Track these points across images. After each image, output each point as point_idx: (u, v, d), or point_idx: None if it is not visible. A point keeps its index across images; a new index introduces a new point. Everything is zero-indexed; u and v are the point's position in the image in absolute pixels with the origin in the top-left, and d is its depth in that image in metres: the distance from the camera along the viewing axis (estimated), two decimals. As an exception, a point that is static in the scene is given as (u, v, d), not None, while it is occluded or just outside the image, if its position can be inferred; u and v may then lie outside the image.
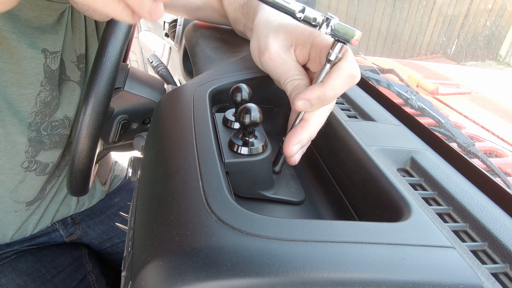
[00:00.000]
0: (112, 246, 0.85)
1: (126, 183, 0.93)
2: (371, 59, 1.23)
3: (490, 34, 1.67)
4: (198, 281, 0.22)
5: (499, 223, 0.31)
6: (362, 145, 0.37)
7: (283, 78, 0.38)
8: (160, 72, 0.73)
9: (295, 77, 0.37)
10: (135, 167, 0.44)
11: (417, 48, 2.01)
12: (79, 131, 0.42)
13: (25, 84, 0.55)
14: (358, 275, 0.23)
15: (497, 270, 0.28)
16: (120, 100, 0.60)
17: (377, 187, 0.33)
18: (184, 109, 0.40)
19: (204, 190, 0.28)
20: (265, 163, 0.36)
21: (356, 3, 2.01)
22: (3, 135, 0.57)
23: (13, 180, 0.63)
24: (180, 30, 0.97)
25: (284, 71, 0.38)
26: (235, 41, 0.65)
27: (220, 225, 0.25)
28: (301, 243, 0.24)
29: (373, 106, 0.48)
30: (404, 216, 0.29)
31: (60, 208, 0.76)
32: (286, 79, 0.38)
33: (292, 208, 0.39)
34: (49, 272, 0.70)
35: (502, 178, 0.70)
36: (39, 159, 0.64)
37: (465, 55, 1.77)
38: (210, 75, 0.49)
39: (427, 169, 0.36)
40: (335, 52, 0.33)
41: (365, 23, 2.05)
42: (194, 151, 0.32)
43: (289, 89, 0.37)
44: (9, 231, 0.69)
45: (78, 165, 0.45)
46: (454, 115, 0.99)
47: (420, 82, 1.13)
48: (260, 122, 0.33)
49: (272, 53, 0.39)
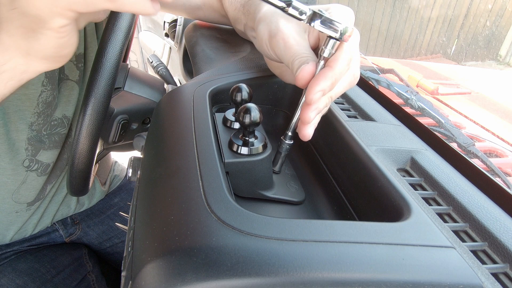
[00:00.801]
0: (112, 246, 0.85)
1: (126, 183, 0.93)
2: (371, 59, 1.23)
3: (490, 34, 1.67)
4: (198, 281, 0.22)
5: (499, 223, 0.31)
6: (362, 145, 0.37)
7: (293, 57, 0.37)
8: (160, 72, 0.73)
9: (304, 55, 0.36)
10: (135, 167, 0.44)
11: (417, 48, 2.01)
12: (79, 131, 0.42)
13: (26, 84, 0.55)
14: (358, 275, 0.23)
15: (497, 270, 0.28)
16: (120, 100, 0.60)
17: (377, 187, 0.33)
18: (184, 109, 0.40)
19: (204, 190, 0.28)
20: (265, 163, 0.36)
21: (356, 3, 2.01)
22: (4, 134, 0.57)
23: (15, 181, 0.63)
24: (180, 30, 0.97)
25: (296, 51, 0.37)
26: (235, 41, 0.65)
27: (220, 225, 0.25)
28: (301, 243, 0.24)
29: (373, 106, 0.48)
30: (404, 216, 0.29)
31: (60, 208, 0.76)
32: (296, 57, 0.36)
33: (292, 208, 0.39)
34: (49, 272, 0.70)
35: (502, 178, 0.70)
36: (40, 159, 0.64)
37: (465, 55, 1.77)
38: (210, 75, 0.49)
39: (427, 169, 0.36)
40: (328, 48, 0.33)
41: (365, 23, 2.05)
42: (194, 151, 0.32)
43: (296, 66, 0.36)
44: (10, 231, 0.69)
45: (78, 165, 0.45)
46: (454, 115, 0.99)
47: (420, 82, 1.13)
48: (260, 122, 0.33)
49: (285, 33, 0.38)
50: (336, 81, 0.34)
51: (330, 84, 0.33)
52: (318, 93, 0.33)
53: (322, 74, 0.33)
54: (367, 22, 2.04)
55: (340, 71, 0.34)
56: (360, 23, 2.04)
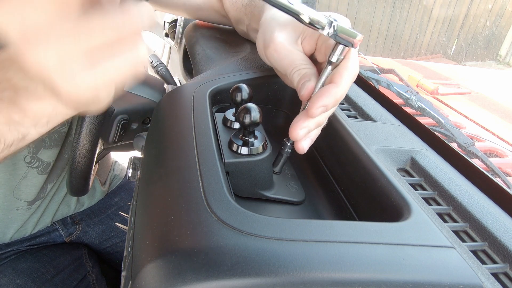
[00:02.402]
0: (112, 245, 0.85)
1: (126, 183, 0.93)
2: (371, 59, 1.23)
3: (490, 34, 1.67)
4: (198, 281, 0.22)
5: (499, 223, 0.31)
6: (362, 145, 0.37)
7: (289, 69, 0.38)
8: (160, 72, 0.73)
9: (302, 67, 0.37)
10: (135, 167, 0.44)
11: (417, 48, 2.01)
12: (79, 131, 0.42)
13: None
14: (358, 275, 0.23)
15: (497, 270, 0.28)
16: (120, 100, 0.59)
17: (377, 187, 0.33)
18: (184, 109, 0.40)
19: (204, 190, 0.28)
20: (265, 163, 0.36)
21: (356, 3, 2.01)
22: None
23: (16, 176, 0.63)
24: (180, 30, 0.97)
25: (290, 62, 0.38)
26: (235, 41, 0.65)
27: (220, 225, 0.25)
28: (301, 243, 0.24)
29: (373, 106, 0.48)
30: (404, 216, 0.29)
31: (60, 207, 0.76)
32: (293, 69, 0.37)
33: (292, 208, 0.39)
34: (49, 272, 0.70)
35: (502, 178, 0.70)
36: (41, 157, 0.64)
37: (465, 55, 1.77)
38: (210, 75, 0.49)
39: (427, 169, 0.36)
40: (336, 54, 0.33)
41: (365, 23, 2.05)
42: (194, 151, 0.32)
43: (296, 78, 0.37)
44: (10, 229, 0.69)
45: (78, 165, 0.45)
46: (454, 115, 0.99)
47: (420, 82, 1.13)
48: (260, 122, 0.33)
49: (277, 44, 0.39)
50: (340, 98, 0.34)
51: (333, 101, 0.33)
52: (320, 108, 0.33)
53: (326, 90, 0.33)
54: (367, 22, 2.04)
55: (344, 89, 0.34)
56: (360, 23, 2.04)
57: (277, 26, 0.40)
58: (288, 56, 0.38)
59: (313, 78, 0.36)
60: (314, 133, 0.37)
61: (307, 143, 0.36)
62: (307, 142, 0.36)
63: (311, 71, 0.36)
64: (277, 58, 0.39)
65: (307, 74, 0.36)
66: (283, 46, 0.39)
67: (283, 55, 0.38)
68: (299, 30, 0.39)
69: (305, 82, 0.35)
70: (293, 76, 0.37)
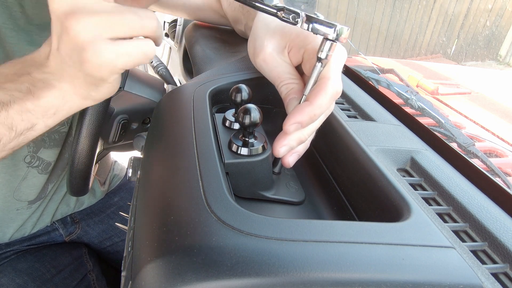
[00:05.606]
0: (112, 245, 0.85)
1: (126, 182, 0.93)
2: (371, 59, 1.23)
3: (490, 34, 1.67)
4: (198, 281, 0.22)
5: (499, 223, 0.31)
6: (362, 145, 0.37)
7: (277, 81, 0.39)
8: (160, 72, 0.73)
9: (289, 81, 0.38)
10: (135, 167, 0.44)
11: (417, 48, 2.01)
12: (79, 131, 0.42)
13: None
14: (358, 275, 0.23)
15: (497, 270, 0.28)
16: (120, 100, 0.59)
17: (377, 187, 0.33)
18: (184, 109, 0.40)
19: (204, 190, 0.28)
20: (265, 164, 0.36)
21: (356, 3, 2.01)
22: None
23: (16, 177, 0.63)
24: (180, 30, 0.97)
25: (278, 74, 0.39)
26: (235, 41, 0.65)
27: (220, 225, 0.25)
28: (301, 243, 0.24)
29: (373, 106, 0.48)
30: (404, 216, 0.29)
31: (60, 207, 0.76)
32: (281, 82, 0.38)
33: (292, 208, 0.39)
34: (49, 272, 0.70)
35: (502, 178, 0.70)
36: (41, 156, 0.64)
37: (465, 55, 1.77)
38: (210, 75, 0.49)
39: (427, 169, 0.36)
40: (325, 50, 0.33)
41: (365, 23, 2.05)
42: (194, 151, 0.32)
43: (284, 92, 0.38)
44: (10, 229, 0.69)
45: (78, 165, 0.45)
46: (454, 115, 0.99)
47: (420, 82, 1.13)
48: (260, 122, 0.33)
49: (266, 55, 0.40)
50: (316, 116, 0.33)
51: (307, 119, 0.33)
52: (293, 125, 0.33)
53: (300, 108, 0.33)
54: (367, 22, 2.04)
55: (320, 109, 0.33)
56: (360, 23, 2.04)
57: (267, 33, 0.41)
58: (276, 68, 0.39)
59: (300, 94, 0.36)
60: (301, 148, 0.37)
61: (293, 158, 0.37)
62: (293, 157, 0.37)
63: (298, 86, 0.37)
64: (266, 69, 0.40)
65: (294, 89, 0.37)
66: (272, 57, 0.39)
67: (272, 67, 0.39)
68: (287, 39, 0.39)
69: (292, 99, 0.36)
70: (280, 89, 0.38)
